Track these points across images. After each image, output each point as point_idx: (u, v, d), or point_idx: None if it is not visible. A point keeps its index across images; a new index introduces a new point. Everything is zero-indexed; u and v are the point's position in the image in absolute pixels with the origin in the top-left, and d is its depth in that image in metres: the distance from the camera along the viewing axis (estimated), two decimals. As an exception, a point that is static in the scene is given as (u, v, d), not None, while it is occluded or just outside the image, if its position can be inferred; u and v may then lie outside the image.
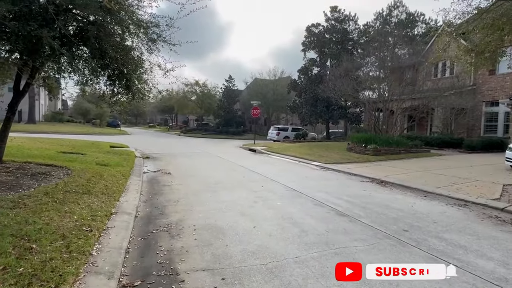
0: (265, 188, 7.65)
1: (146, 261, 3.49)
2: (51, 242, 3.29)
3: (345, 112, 28.00)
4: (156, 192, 6.88)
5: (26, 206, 4.25)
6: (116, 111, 16.13)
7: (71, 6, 5.60)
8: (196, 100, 46.84)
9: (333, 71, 23.36)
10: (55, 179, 6.22)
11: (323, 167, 11.66)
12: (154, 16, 6.64)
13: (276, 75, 42.04)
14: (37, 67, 6.55)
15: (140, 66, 7.04)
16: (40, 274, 2.67)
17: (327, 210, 5.76)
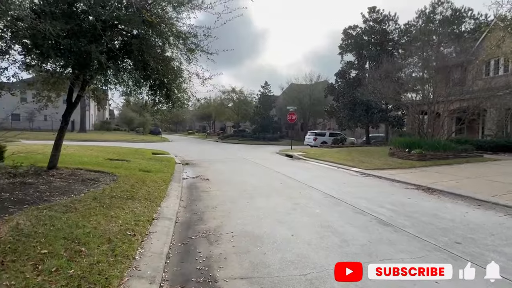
0: (302, 195, 7.50)
1: (185, 267, 3.54)
2: (98, 246, 3.45)
3: (386, 115, 26.82)
4: (195, 198, 7.02)
5: (77, 210, 4.53)
6: (157, 119, 16.87)
7: (117, 22, 5.97)
8: (233, 107, 47.63)
9: (372, 73, 22.52)
10: (103, 184, 6.59)
11: (363, 173, 11.22)
12: (192, 27, 6.85)
13: (312, 80, 41.56)
14: (87, 80, 7.06)
15: (179, 76, 7.29)
16: (88, 276, 2.80)
17: (369, 219, 5.50)
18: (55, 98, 8.03)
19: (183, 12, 6.54)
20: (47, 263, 2.88)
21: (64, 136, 7.82)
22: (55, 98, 8.04)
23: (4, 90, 6.58)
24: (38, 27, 4.67)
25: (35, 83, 7.61)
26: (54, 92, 7.80)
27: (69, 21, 5.48)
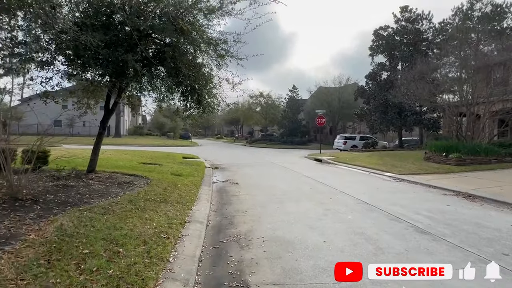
0: (333, 200, 7.34)
1: (217, 270, 3.57)
2: (134, 247, 3.57)
3: (420, 118, 25.70)
4: (225, 202, 7.09)
5: (114, 213, 4.72)
6: (188, 124, 17.30)
7: (151, 31, 6.21)
8: (261, 111, 47.81)
9: (405, 74, 21.70)
10: (137, 187, 6.84)
11: (397, 178, 10.81)
12: (222, 33, 6.98)
13: (342, 82, 40.81)
14: (123, 87, 7.39)
15: (210, 82, 7.45)
16: (126, 277, 2.90)
17: (404, 226, 5.27)
18: (93, 105, 8.48)
19: (213, 19, 6.69)
20: (88, 263, 3.02)
21: (102, 141, 8.22)
22: (94, 105, 8.49)
23: (49, 98, 7.04)
24: (80, 39, 4.96)
25: (76, 91, 8.07)
26: (93, 100, 8.24)
27: (107, 32, 5.78)
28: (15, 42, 5.63)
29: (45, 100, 6.94)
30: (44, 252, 3.15)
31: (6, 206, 4.54)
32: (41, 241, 3.41)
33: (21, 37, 5.72)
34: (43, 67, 6.33)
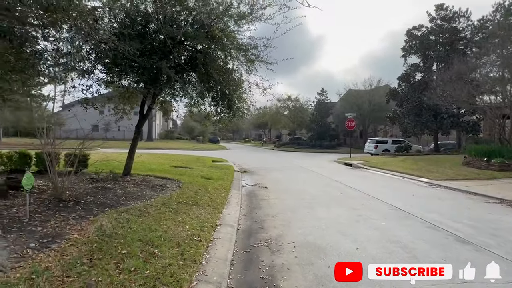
0: (365, 206, 7.14)
1: (249, 275, 3.58)
2: (169, 249, 3.67)
3: (457, 120, 24.38)
4: (254, 206, 7.11)
5: (149, 215, 4.89)
6: (218, 128, 17.65)
7: (184, 38, 6.41)
8: (289, 115, 47.68)
9: (441, 75, 20.71)
10: (170, 190, 7.04)
11: (433, 184, 10.31)
12: (252, 39, 7.07)
13: (372, 85, 39.76)
14: (157, 93, 7.66)
15: (240, 86, 7.56)
16: (162, 277, 2.99)
17: (443, 235, 5.01)
18: (129, 111, 8.87)
19: (244, 25, 6.78)
20: (126, 263, 3.15)
21: (137, 145, 8.56)
22: (129, 110, 8.89)
23: (89, 105, 7.46)
24: (118, 48, 5.22)
25: (113, 98, 8.50)
26: (129, 105, 8.63)
27: (143, 40, 6.05)
28: (60, 53, 6.04)
29: (85, 106, 7.36)
30: (86, 251, 3.33)
31: (52, 206, 4.85)
32: (83, 240, 3.60)
33: (65, 48, 6.13)
34: (84, 76, 6.73)
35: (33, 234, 3.66)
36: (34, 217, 4.25)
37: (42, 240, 3.51)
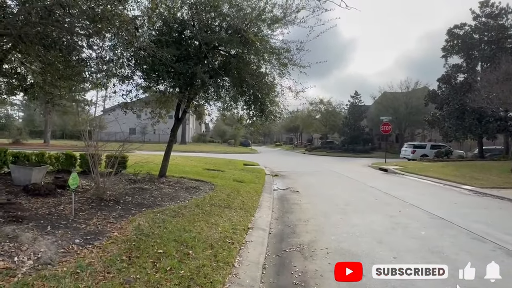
0: (403, 213, 6.82)
1: (282, 279, 3.54)
2: (202, 250, 3.74)
3: (505, 124, 22.63)
4: (286, 210, 7.05)
5: (183, 216, 5.02)
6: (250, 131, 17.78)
7: (218, 43, 6.55)
8: (321, 118, 46.92)
9: (486, 76, 19.37)
10: (203, 193, 7.19)
11: (478, 192, 9.65)
12: (285, 42, 7.06)
13: (409, 87, 38.08)
14: (191, 97, 7.88)
15: (273, 90, 7.57)
16: (196, 278, 3.04)
17: (491, 248, 4.66)
18: (164, 115, 9.19)
19: (277, 29, 6.80)
20: (162, 262, 3.25)
21: (172, 148, 8.84)
22: (165, 114, 9.21)
23: (128, 109, 7.83)
24: (156, 55, 5.44)
25: (150, 102, 8.85)
26: (165, 109, 8.94)
27: (179, 47, 6.26)
28: (102, 60, 6.41)
29: (125, 110, 7.74)
30: (126, 249, 3.48)
31: (94, 205, 5.13)
32: (123, 238, 3.77)
33: (107, 55, 6.50)
34: (124, 81, 7.08)
35: (78, 231, 3.89)
36: (78, 214, 4.52)
37: (86, 237, 3.72)
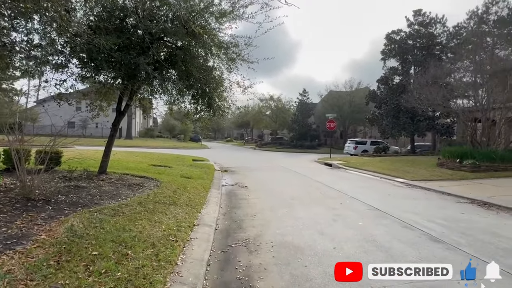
0: (344, 205, 7.23)
1: (226, 275, 3.53)
2: (143, 250, 3.56)
3: (433, 123, 25.25)
4: (234, 206, 7.06)
5: (124, 215, 4.74)
6: (198, 127, 17.43)
7: (163, 34, 6.27)
8: (271, 115, 47.85)
9: (418, 79, 21.36)
10: (147, 190, 6.88)
11: (409, 185, 10.60)
12: (233, 37, 7.00)
13: (353, 87, 40.51)
14: (135, 90, 7.46)
15: (221, 85, 7.48)
16: (134, 280, 2.88)
17: (417, 234, 5.14)
18: (105, 107, 8.58)
19: (225, 22, 6.71)
20: (97, 265, 3.03)
21: (113, 143, 8.30)
22: (106, 107, 8.59)
23: (63, 100, 7.17)
24: (94, 42, 5.03)
25: (89, 93, 8.20)
26: (105, 102, 8.34)
27: (120, 35, 5.85)
28: (31, 45, 5.76)
29: (59, 102, 7.07)
30: (54, 253, 3.17)
31: (19, 206, 4.60)
32: (52, 241, 3.43)
33: (37, 40, 5.86)
34: (58, 70, 6.46)
35: (-3, 235, 3.46)
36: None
37: (6, 242, 3.32)
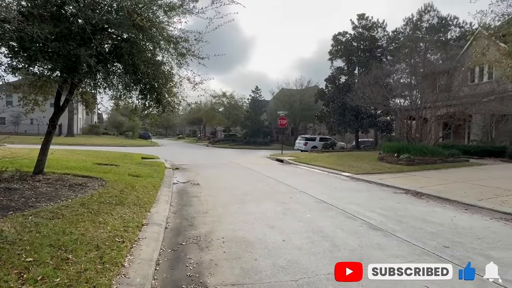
0: (293, 200, 7.51)
1: (176, 273, 3.49)
2: (86, 253, 3.38)
3: (375, 120, 27.22)
4: (185, 203, 6.95)
5: (64, 217, 4.43)
6: (147, 123, 16.75)
7: (107, 25, 5.90)
8: (224, 112, 47.66)
9: (361, 79, 22.86)
10: (91, 190, 6.47)
11: (353, 178, 11.32)
12: (183, 32, 6.82)
13: (303, 85, 41.95)
14: (76, 83, 6.94)
15: (170, 80, 7.26)
16: (75, 285, 2.73)
17: (359, 224, 5.53)
18: (42, 102, 7.84)
19: (174, 16, 6.52)
20: (32, 272, 2.80)
21: (51, 140, 7.65)
22: (42, 101, 7.85)
23: (-12, 93, 6.43)
24: (25, 30, 4.58)
25: (21, 86, 7.44)
26: (41, 96, 7.62)
27: (58, 24, 5.39)
28: None
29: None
30: (-20, 262, 2.87)
31: None
32: (-23, 250, 3.10)
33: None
34: (-18, 59, 5.76)
35: None
36: None
37: None
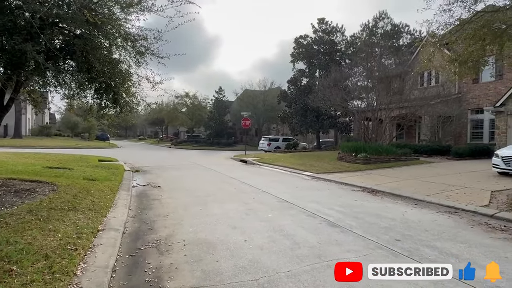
0: (256, 200, 7.58)
1: (133, 279, 3.37)
2: (33, 263, 3.15)
3: (335, 121, 28.30)
4: (145, 207, 6.73)
5: (8, 225, 4.09)
6: (104, 124, 15.95)
7: (57, 20, 5.55)
8: (187, 112, 46.83)
9: (322, 81, 23.66)
10: (40, 195, 6.04)
11: (314, 177, 11.66)
12: (142, 29, 6.60)
13: (266, 86, 42.45)
14: (22, 81, 6.44)
15: (128, 79, 6.98)
16: (19, 298, 2.54)
17: (319, 221, 5.72)
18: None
19: (132, 13, 6.28)
20: (-31, 287, 2.56)
21: (-7, 142, 7.03)
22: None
23: None
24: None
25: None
26: (-18, 94, 6.99)
27: (0, 16, 4.97)
28: None
29: None
30: None
31: None
32: None
33: None
34: None
35: None
36: None
37: None
